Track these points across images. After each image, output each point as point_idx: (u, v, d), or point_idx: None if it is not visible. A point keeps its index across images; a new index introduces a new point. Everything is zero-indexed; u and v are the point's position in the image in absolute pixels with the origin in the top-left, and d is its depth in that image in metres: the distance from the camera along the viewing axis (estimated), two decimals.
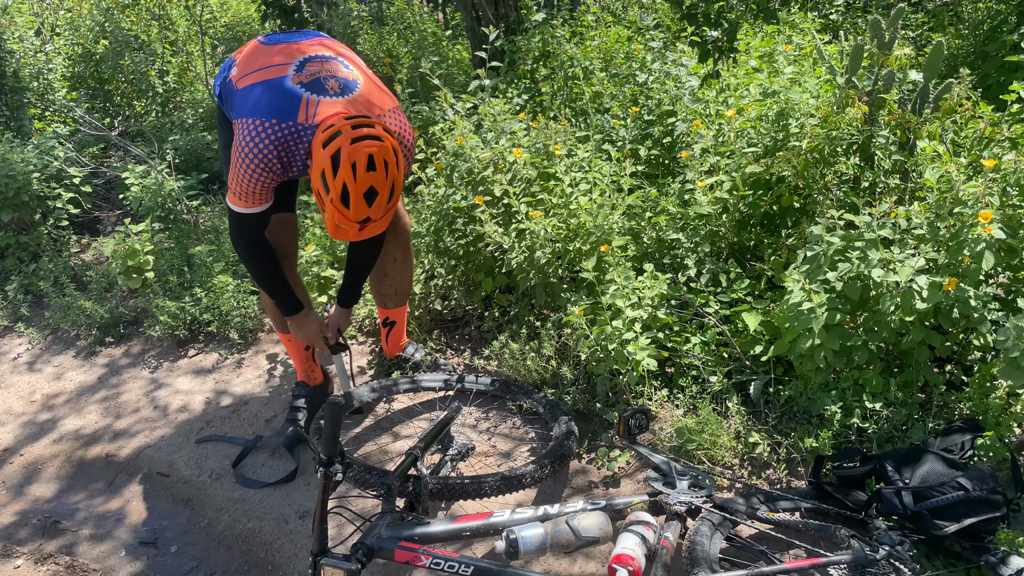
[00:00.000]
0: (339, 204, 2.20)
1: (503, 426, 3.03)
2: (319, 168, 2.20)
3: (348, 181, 2.16)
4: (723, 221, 3.08)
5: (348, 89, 2.38)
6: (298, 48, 2.48)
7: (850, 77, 2.98)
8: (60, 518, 2.98)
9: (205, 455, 3.12)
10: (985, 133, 2.83)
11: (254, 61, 2.48)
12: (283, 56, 2.44)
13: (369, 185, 2.18)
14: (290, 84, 2.34)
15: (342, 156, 2.14)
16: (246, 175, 2.35)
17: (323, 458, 1.98)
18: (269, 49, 2.49)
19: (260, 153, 2.31)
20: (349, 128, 2.17)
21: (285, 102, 2.31)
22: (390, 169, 2.20)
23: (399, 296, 3.12)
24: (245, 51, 2.60)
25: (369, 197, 2.20)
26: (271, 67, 2.40)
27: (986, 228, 2.36)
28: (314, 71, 2.38)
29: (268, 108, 2.31)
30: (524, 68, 4.66)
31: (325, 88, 2.34)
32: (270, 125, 2.29)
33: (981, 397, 2.53)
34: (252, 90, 2.38)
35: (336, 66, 2.44)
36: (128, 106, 6.28)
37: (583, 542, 2.11)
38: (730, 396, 2.74)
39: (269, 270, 2.65)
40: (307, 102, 2.31)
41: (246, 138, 2.31)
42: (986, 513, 2.12)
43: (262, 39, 2.59)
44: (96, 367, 3.82)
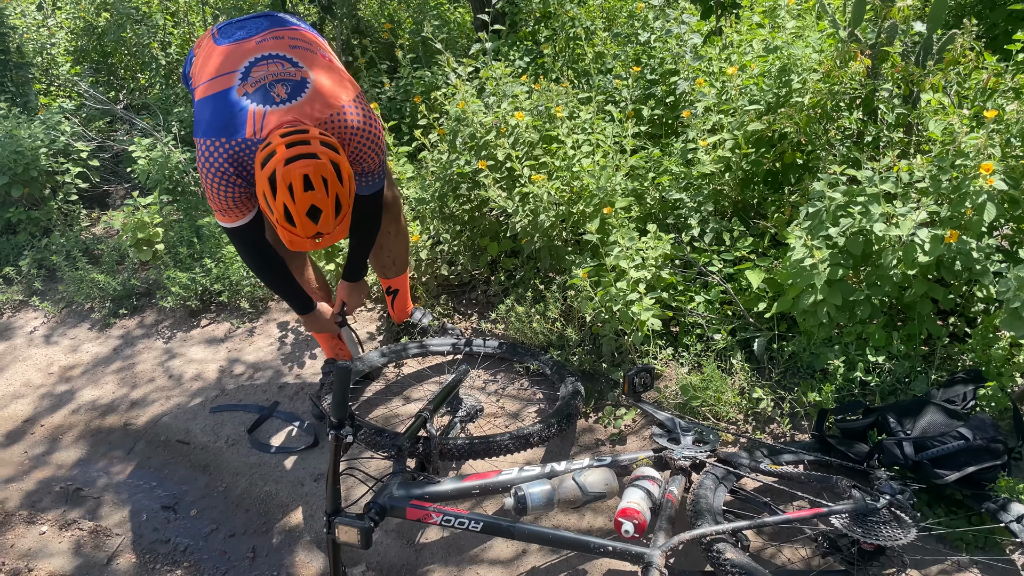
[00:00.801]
0: (284, 223, 2.15)
1: (511, 388, 3.08)
2: (260, 188, 2.15)
3: (287, 202, 2.10)
4: (726, 180, 3.09)
5: (296, 92, 2.29)
6: (247, 49, 2.39)
7: (853, 30, 2.95)
8: (82, 485, 3.06)
9: (221, 422, 3.19)
10: (988, 84, 2.80)
11: (206, 65, 2.43)
12: (231, 61, 2.36)
13: (309, 204, 2.11)
14: (235, 96, 2.28)
15: (277, 178, 2.08)
16: (216, 194, 2.34)
17: (333, 421, 2.03)
18: (221, 51, 2.42)
19: (218, 172, 2.28)
20: (283, 148, 2.10)
21: (232, 118, 2.26)
22: (330, 186, 2.12)
23: (398, 265, 3.14)
24: (202, 46, 2.55)
25: (313, 215, 2.14)
26: (219, 77, 2.34)
27: (988, 179, 2.35)
28: (259, 77, 2.30)
29: (216, 126, 2.27)
30: (526, 30, 4.62)
31: (271, 96, 2.26)
32: (220, 144, 2.26)
33: (984, 348, 2.55)
34: (203, 105, 2.34)
35: (284, 67, 2.33)
36: (132, 79, 6.27)
37: (589, 497, 2.16)
38: (734, 353, 2.77)
39: (274, 274, 2.66)
40: (253, 115, 2.24)
41: (203, 159, 2.29)
42: (987, 461, 2.15)
43: (215, 33, 2.52)
44: (111, 339, 3.88)
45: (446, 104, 3.62)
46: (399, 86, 4.53)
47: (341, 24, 5.04)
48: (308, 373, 3.37)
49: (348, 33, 5.10)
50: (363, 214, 2.69)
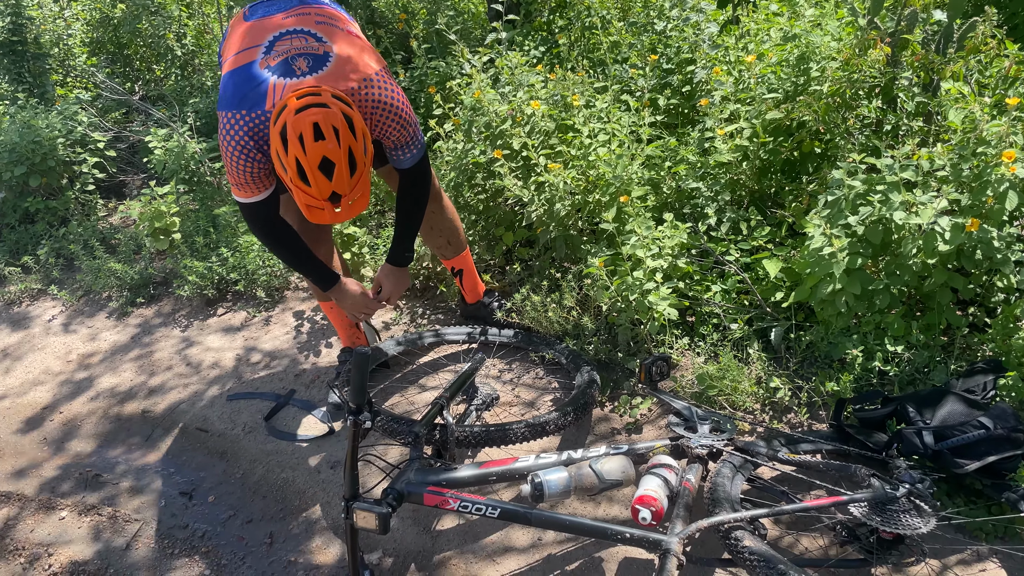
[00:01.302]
0: (298, 182, 2.12)
1: (526, 376, 3.08)
2: (274, 149, 2.14)
3: (299, 155, 2.07)
4: (743, 169, 3.07)
5: (318, 65, 2.29)
6: (272, 24, 2.39)
7: (872, 18, 2.92)
8: (101, 472, 3.09)
9: (238, 410, 3.21)
10: (1010, 72, 2.77)
11: (234, 40, 2.44)
12: (255, 35, 2.37)
13: (321, 156, 2.08)
14: (257, 69, 2.28)
15: (288, 130, 2.07)
16: (234, 167, 2.33)
17: (352, 407, 2.04)
18: (248, 26, 2.43)
19: (238, 145, 2.28)
20: (294, 100, 2.09)
21: (253, 90, 2.26)
22: (342, 136, 2.09)
23: (454, 244, 3.08)
24: (232, 23, 2.57)
25: (326, 169, 2.10)
26: (243, 51, 2.35)
27: (1010, 168, 2.33)
28: (283, 51, 2.30)
29: (238, 98, 2.27)
30: (540, 20, 4.61)
31: (292, 69, 2.26)
32: (241, 116, 2.25)
33: (1004, 338, 2.53)
34: (227, 79, 2.35)
35: (308, 42, 2.34)
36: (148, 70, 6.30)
37: (606, 485, 2.16)
38: (751, 343, 2.76)
39: (292, 249, 2.61)
40: (274, 87, 2.24)
41: (223, 131, 2.29)
42: (1007, 451, 2.14)
43: (247, 10, 2.53)
44: (128, 327, 3.91)
45: (461, 94, 3.61)
46: (414, 76, 4.53)
47: (355, 15, 5.05)
48: (324, 361, 3.39)
49: (362, 24, 5.10)
50: (411, 187, 2.63)
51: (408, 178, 2.61)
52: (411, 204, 2.69)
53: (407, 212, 2.70)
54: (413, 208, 2.70)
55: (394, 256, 2.77)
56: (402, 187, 2.64)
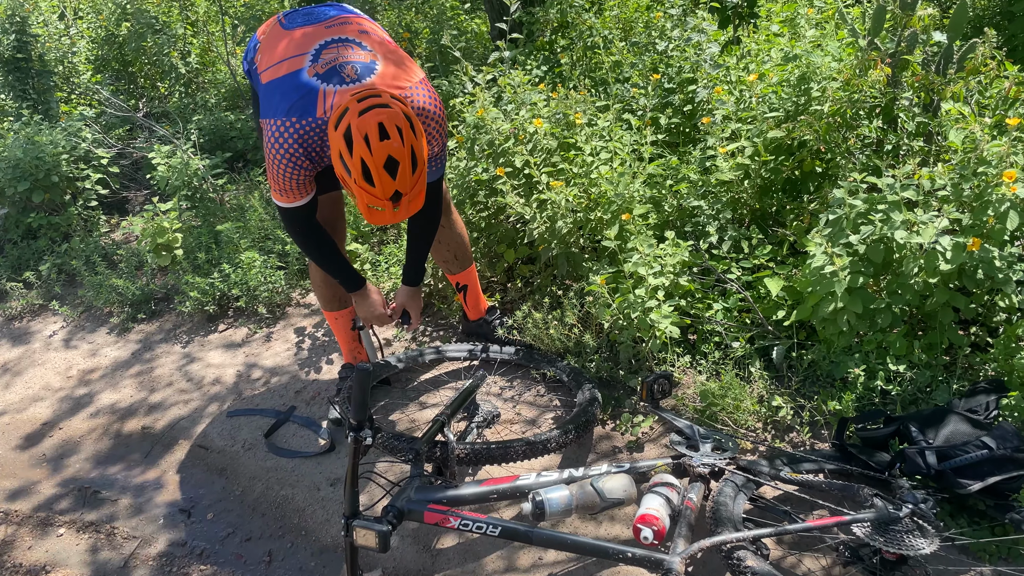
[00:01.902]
0: (363, 183, 2.15)
1: (528, 394, 3.07)
2: (336, 151, 2.17)
3: (364, 155, 2.11)
4: (745, 187, 3.08)
5: (366, 73, 2.34)
6: (315, 33, 2.44)
7: (872, 39, 2.95)
8: (99, 488, 3.07)
9: (238, 426, 3.20)
10: (1010, 93, 2.79)
11: (274, 49, 2.46)
12: (300, 44, 2.41)
13: (387, 155, 2.12)
14: (306, 77, 2.31)
15: (353, 132, 2.10)
16: (280, 174, 2.36)
17: (353, 423, 2.03)
18: (288, 34, 2.46)
19: (287, 152, 2.31)
20: (355, 103, 2.13)
21: (303, 98, 2.29)
22: (405, 135, 2.13)
23: (460, 259, 3.11)
24: (268, 31, 2.59)
25: (391, 168, 2.14)
26: (288, 59, 2.38)
27: (1011, 187, 2.34)
28: (330, 59, 2.34)
29: (288, 106, 2.30)
30: (543, 40, 4.64)
31: (342, 76, 2.30)
32: (291, 124, 2.28)
33: (1006, 358, 2.52)
34: (272, 87, 2.38)
35: (353, 50, 2.38)
36: (152, 87, 6.34)
37: (608, 503, 2.15)
38: (753, 361, 2.76)
39: (326, 252, 2.65)
40: (324, 94, 2.28)
41: (271, 139, 2.32)
42: (1010, 471, 2.13)
43: (283, 19, 2.57)
44: (129, 343, 3.91)
45: (464, 112, 3.63)
46: None
47: None
48: (325, 378, 3.38)
49: None
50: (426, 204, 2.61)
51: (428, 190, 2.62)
52: (425, 224, 2.73)
53: (418, 232, 2.75)
54: (424, 227, 2.74)
55: (410, 277, 2.84)
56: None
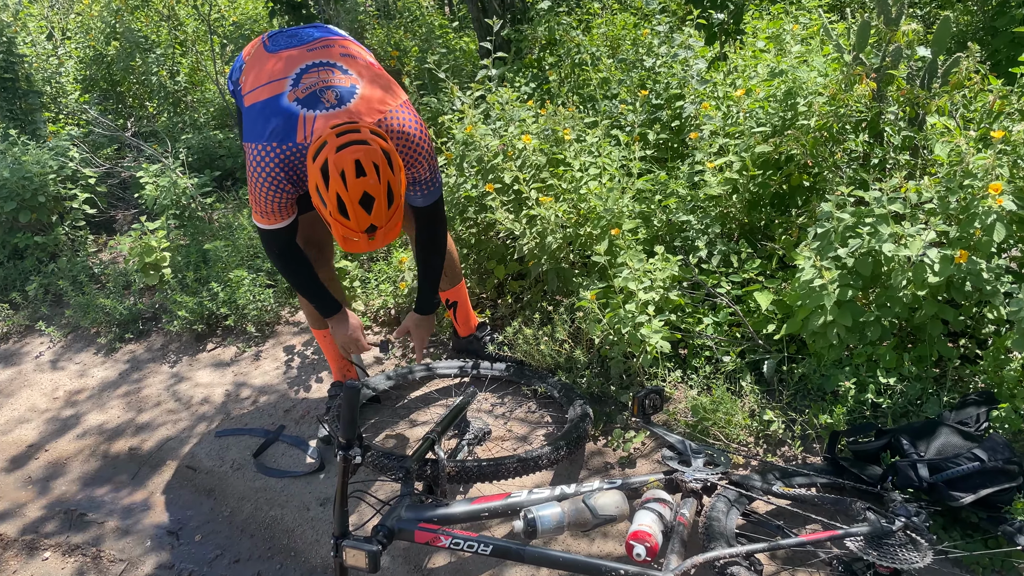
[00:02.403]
0: (338, 215, 2.16)
1: (519, 410, 3.06)
2: (312, 183, 2.17)
3: (340, 191, 2.11)
4: (733, 202, 3.09)
5: (347, 98, 2.33)
6: (298, 56, 2.43)
7: (857, 54, 2.97)
8: (86, 511, 3.03)
9: (226, 446, 3.17)
10: (994, 106, 2.82)
11: (257, 71, 2.47)
12: (282, 67, 2.40)
13: (362, 191, 2.12)
14: (287, 102, 2.31)
15: (330, 167, 2.11)
16: (261, 196, 2.37)
17: (342, 442, 2.01)
18: (271, 57, 2.47)
19: (268, 176, 2.32)
20: (334, 137, 2.14)
21: (283, 123, 2.29)
22: (382, 171, 2.13)
23: (450, 276, 3.10)
24: (252, 53, 2.59)
25: (366, 204, 2.14)
26: (270, 83, 2.38)
27: (997, 200, 2.35)
28: (311, 84, 2.34)
29: (268, 131, 2.30)
30: (531, 57, 4.67)
31: (321, 101, 2.30)
32: (271, 148, 2.29)
33: (996, 370, 2.53)
34: (254, 111, 2.38)
35: (334, 74, 2.38)
36: (140, 107, 6.34)
37: (600, 520, 2.14)
38: (743, 375, 2.76)
39: (303, 275, 2.65)
40: (304, 119, 2.28)
41: (253, 163, 2.33)
42: (1002, 483, 2.13)
43: (267, 41, 2.57)
44: (117, 363, 3.87)
45: (453, 129, 3.64)
46: None
47: None
48: (315, 396, 3.36)
49: None
50: (427, 228, 2.66)
51: (424, 219, 2.64)
52: (431, 249, 2.74)
53: (426, 257, 2.76)
54: (432, 252, 2.75)
55: (421, 305, 2.83)
56: (419, 230, 2.68)
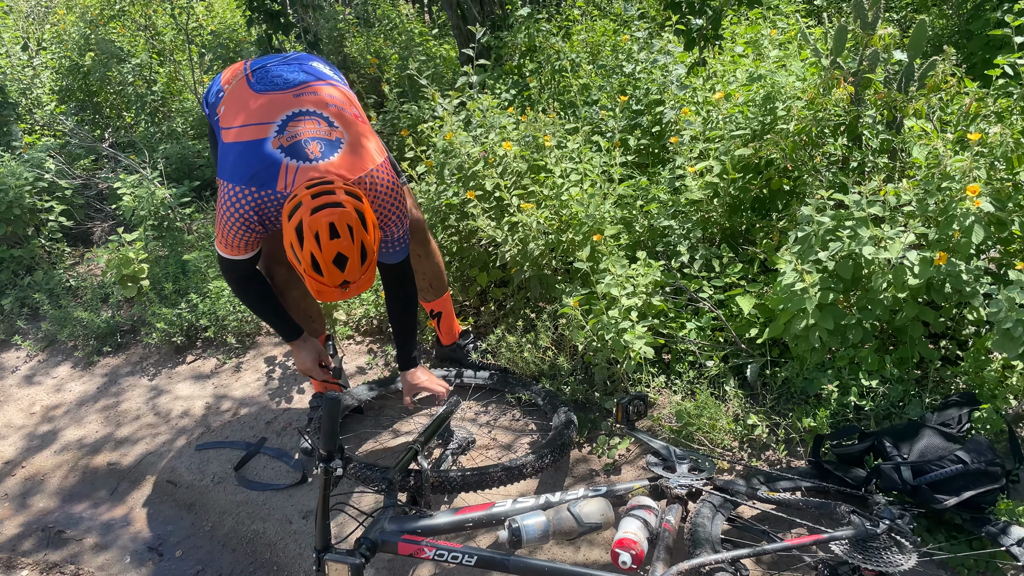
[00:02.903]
0: (312, 273, 2.16)
1: (503, 419, 3.04)
2: (287, 240, 2.17)
3: (314, 251, 2.12)
4: (714, 206, 3.09)
5: (330, 151, 2.33)
6: (284, 101, 2.40)
7: (835, 58, 2.99)
8: (64, 528, 2.98)
9: (207, 460, 3.12)
10: (971, 109, 2.84)
11: (239, 108, 2.43)
12: (267, 111, 2.38)
13: (336, 252, 2.13)
14: (270, 148, 2.30)
15: (304, 228, 2.11)
16: (229, 233, 2.36)
17: (323, 454, 1.99)
18: (255, 97, 2.43)
19: (241, 218, 2.31)
20: (309, 198, 2.13)
21: (265, 169, 2.28)
22: (356, 233, 2.14)
23: (436, 288, 3.10)
24: (233, 83, 2.54)
25: (339, 263, 2.15)
26: (253, 125, 2.36)
27: (975, 201, 2.37)
28: (295, 133, 2.32)
29: (248, 175, 2.29)
30: (511, 64, 4.67)
31: (306, 152, 2.29)
32: (249, 192, 2.28)
33: (976, 370, 2.54)
34: (234, 150, 2.36)
35: (320, 125, 2.37)
36: (117, 117, 6.27)
37: (585, 528, 2.12)
38: (727, 380, 2.75)
39: (261, 302, 2.65)
40: (286, 169, 2.27)
41: (227, 201, 2.31)
42: (985, 485, 2.13)
43: (250, 75, 2.52)
44: (95, 377, 3.82)
45: (433, 136, 3.63)
46: (386, 120, 4.55)
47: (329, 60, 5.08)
48: (296, 408, 3.32)
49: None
50: (397, 286, 2.66)
51: (393, 276, 2.64)
52: (402, 307, 2.74)
53: (399, 314, 2.75)
54: (404, 308, 2.74)
55: (404, 360, 2.82)
56: (388, 287, 2.67)
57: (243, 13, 4.97)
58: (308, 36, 4.97)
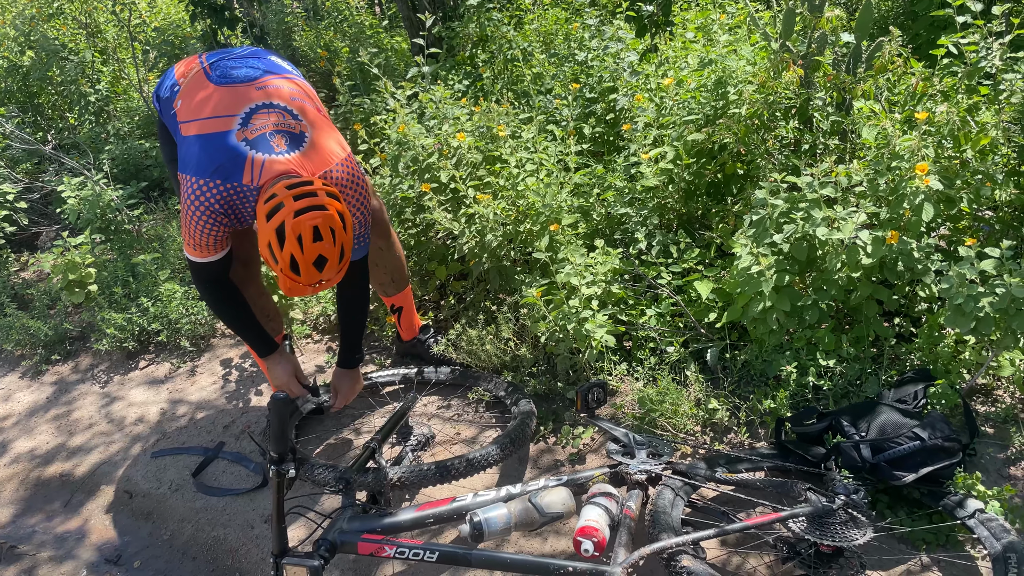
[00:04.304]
0: (289, 272, 2.14)
1: (465, 413, 3.01)
2: (265, 239, 2.14)
3: (295, 253, 2.10)
4: (669, 192, 3.09)
5: (295, 145, 2.30)
6: (246, 94, 2.36)
7: (784, 42, 3.00)
8: (17, 542, 2.89)
9: (164, 467, 3.05)
10: (917, 88, 2.87)
11: (199, 101, 2.37)
12: (229, 104, 2.33)
13: (317, 254, 2.12)
14: (234, 140, 2.25)
15: (286, 230, 2.08)
16: (196, 230, 2.29)
17: (274, 456, 1.94)
18: (216, 89, 2.38)
19: (207, 211, 2.26)
20: (291, 200, 2.10)
21: (229, 161, 2.24)
22: (337, 235, 2.14)
23: (397, 282, 3.07)
24: (191, 77, 2.47)
25: (319, 264, 2.14)
26: (216, 118, 2.30)
27: (924, 180, 2.39)
28: (260, 125, 2.28)
29: (212, 167, 2.24)
30: (463, 54, 4.62)
31: (271, 145, 2.26)
32: (214, 185, 2.23)
33: (930, 347, 2.58)
34: (196, 143, 2.30)
35: (284, 118, 2.33)
36: (60, 118, 6.09)
37: (548, 518, 2.11)
38: (688, 365, 2.76)
39: (234, 311, 2.58)
40: (252, 162, 2.23)
41: (191, 196, 2.26)
42: (943, 461, 2.16)
43: (207, 68, 2.46)
44: (44, 386, 3.71)
45: (386, 129, 3.57)
46: (338, 114, 4.48)
47: None
48: (254, 410, 3.26)
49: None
50: (352, 283, 2.59)
51: (350, 273, 2.56)
52: (354, 303, 2.69)
53: (350, 311, 2.71)
54: (356, 307, 2.70)
55: (344, 359, 2.77)
56: (343, 285, 2.60)
57: (186, 8, 4.84)
58: (255, 30, 4.87)
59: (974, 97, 2.76)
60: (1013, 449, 2.38)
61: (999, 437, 2.42)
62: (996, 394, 2.58)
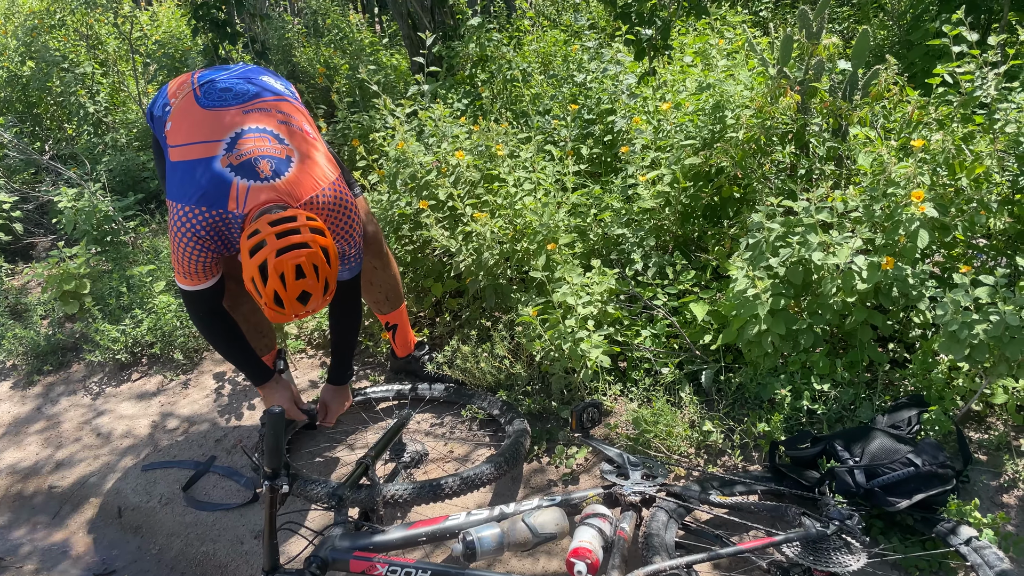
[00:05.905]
0: (273, 306, 2.14)
1: (458, 431, 3.00)
2: (248, 275, 2.13)
3: (278, 290, 2.10)
4: (666, 214, 3.11)
5: (281, 170, 2.28)
6: (233, 118, 2.35)
7: (781, 68, 3.03)
8: (3, 555, 2.86)
9: (154, 480, 3.02)
10: (913, 116, 2.90)
11: (188, 125, 2.37)
12: (215, 128, 2.32)
13: (301, 290, 2.12)
14: (219, 167, 2.24)
15: (269, 268, 2.08)
16: (185, 257, 2.29)
17: (267, 471, 1.93)
18: (204, 113, 2.37)
19: (193, 237, 2.25)
20: (273, 238, 2.09)
21: (214, 188, 2.23)
22: (321, 271, 2.14)
23: (391, 300, 3.07)
24: (182, 99, 2.47)
25: (303, 299, 2.14)
26: (202, 143, 2.30)
27: (919, 207, 2.41)
28: (245, 151, 2.27)
29: (197, 194, 2.23)
30: (463, 73, 4.65)
31: (256, 171, 2.25)
32: (200, 212, 2.23)
33: (924, 373, 2.58)
34: (182, 169, 2.30)
35: (270, 143, 2.32)
36: (59, 129, 6.10)
37: (540, 539, 2.09)
38: (682, 386, 2.76)
39: (228, 340, 2.58)
40: (237, 188, 2.22)
41: (178, 223, 2.26)
42: (936, 487, 2.16)
43: (198, 89, 2.45)
44: (34, 397, 3.68)
45: (385, 146, 3.59)
46: (336, 130, 4.50)
47: (277, 72, 5.00)
48: (246, 425, 3.24)
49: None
50: (344, 301, 2.60)
51: (342, 291, 2.59)
52: (345, 321, 2.70)
53: (341, 330, 2.72)
54: (348, 325, 2.71)
55: (335, 376, 2.78)
56: (335, 303, 2.61)
57: (188, 22, 4.87)
58: (256, 46, 4.89)
59: (969, 126, 2.79)
60: (1006, 476, 2.38)
61: (992, 464, 2.43)
62: (989, 421, 2.59)
